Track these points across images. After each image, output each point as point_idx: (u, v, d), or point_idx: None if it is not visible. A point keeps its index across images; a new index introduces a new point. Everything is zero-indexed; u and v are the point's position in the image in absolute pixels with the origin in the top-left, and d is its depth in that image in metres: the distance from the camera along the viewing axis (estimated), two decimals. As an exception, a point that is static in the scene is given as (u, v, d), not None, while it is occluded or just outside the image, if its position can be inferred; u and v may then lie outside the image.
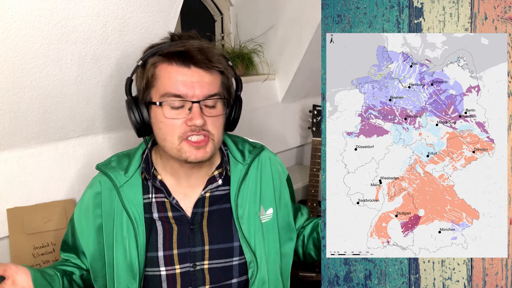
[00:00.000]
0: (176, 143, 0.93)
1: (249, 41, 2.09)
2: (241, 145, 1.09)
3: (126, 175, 1.01)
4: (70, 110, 1.31)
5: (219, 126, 0.96)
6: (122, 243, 0.99)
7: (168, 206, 1.01)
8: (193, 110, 0.91)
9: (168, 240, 1.00)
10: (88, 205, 1.04)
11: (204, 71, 0.92)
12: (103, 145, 1.47)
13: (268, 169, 1.09)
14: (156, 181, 1.01)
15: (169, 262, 0.99)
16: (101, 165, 1.05)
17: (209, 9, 2.15)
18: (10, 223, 1.27)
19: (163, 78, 0.93)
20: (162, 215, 1.01)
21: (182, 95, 0.91)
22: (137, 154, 1.05)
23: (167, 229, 1.00)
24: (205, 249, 1.00)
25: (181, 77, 0.92)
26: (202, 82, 0.92)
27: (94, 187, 1.05)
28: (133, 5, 1.21)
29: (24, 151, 1.30)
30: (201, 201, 1.02)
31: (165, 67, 0.93)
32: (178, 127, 0.92)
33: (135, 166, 1.03)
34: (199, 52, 0.92)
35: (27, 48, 1.09)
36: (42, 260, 1.28)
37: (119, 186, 1.00)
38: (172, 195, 1.01)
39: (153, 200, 1.01)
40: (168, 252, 0.99)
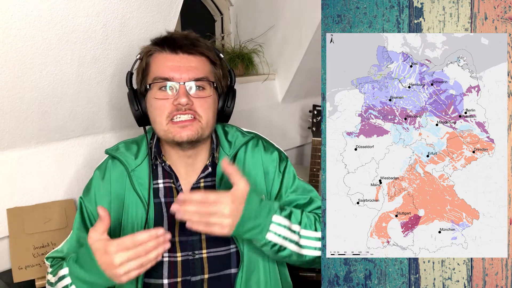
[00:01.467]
0: (164, 124, 0.97)
1: (249, 41, 2.09)
2: (231, 135, 1.10)
3: (136, 160, 1.04)
4: (70, 110, 1.31)
5: (207, 108, 0.99)
6: (132, 226, 1.01)
7: (175, 192, 1.03)
8: (179, 91, 0.96)
9: (170, 227, 1.02)
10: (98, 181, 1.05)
11: (191, 56, 0.98)
12: (103, 145, 1.47)
13: (258, 158, 1.08)
14: (166, 166, 1.04)
15: (171, 249, 0.99)
16: (110, 150, 1.07)
17: (209, 9, 2.15)
18: (10, 223, 1.27)
19: (154, 65, 0.99)
20: (168, 200, 1.03)
21: (170, 78, 0.96)
22: (145, 141, 1.08)
23: (171, 215, 1.01)
24: (202, 238, 1.01)
25: (170, 62, 0.97)
26: (188, 66, 0.97)
27: (103, 168, 1.07)
28: (133, 5, 1.21)
29: (24, 151, 1.30)
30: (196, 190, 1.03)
31: (157, 55, 0.99)
32: (166, 108, 0.96)
33: (144, 151, 1.05)
34: (185, 38, 0.99)
35: (27, 48, 1.09)
36: (42, 260, 1.28)
37: (131, 170, 1.02)
38: (179, 181, 1.04)
39: (161, 186, 1.04)
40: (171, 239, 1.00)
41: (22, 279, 1.25)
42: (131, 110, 1.03)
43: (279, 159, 1.10)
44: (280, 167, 1.09)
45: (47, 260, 1.05)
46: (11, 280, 1.24)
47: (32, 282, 1.25)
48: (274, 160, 1.09)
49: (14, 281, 1.24)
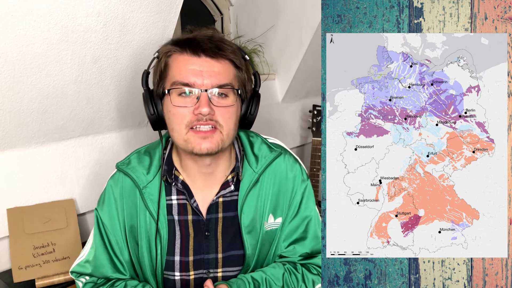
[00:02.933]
0: (183, 133, 0.90)
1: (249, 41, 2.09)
2: (257, 148, 1.04)
3: (148, 176, 0.98)
4: (70, 110, 1.31)
5: (229, 118, 0.92)
6: (147, 244, 0.97)
7: (189, 208, 0.99)
8: (200, 99, 0.88)
9: (184, 246, 0.98)
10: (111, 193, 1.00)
11: (214, 60, 0.90)
12: (103, 145, 1.47)
13: (283, 177, 1.03)
14: (178, 183, 0.98)
15: (184, 268, 0.98)
16: (121, 165, 1.00)
17: (209, 9, 2.15)
18: (10, 223, 1.27)
19: (174, 68, 0.91)
20: (182, 218, 0.99)
21: (190, 84, 0.89)
22: (158, 151, 1.01)
23: (184, 234, 0.98)
24: (218, 257, 0.99)
25: (191, 66, 0.90)
26: (211, 71, 0.90)
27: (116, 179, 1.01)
28: (133, 5, 1.21)
29: (24, 151, 1.30)
30: (214, 207, 0.99)
31: (177, 56, 0.92)
32: (186, 116, 0.89)
33: (156, 166, 0.99)
34: (209, 41, 0.90)
35: (27, 48, 1.09)
36: (42, 260, 1.28)
37: (142, 187, 0.97)
38: (194, 198, 0.99)
39: (174, 202, 0.99)
40: (184, 258, 0.98)
41: (22, 279, 1.25)
42: (146, 112, 0.95)
43: (301, 181, 1.05)
44: (301, 189, 1.05)
45: (72, 274, 1.02)
46: (11, 280, 1.24)
47: (32, 282, 1.25)
48: (297, 182, 1.04)
49: (14, 281, 1.24)
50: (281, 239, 1.04)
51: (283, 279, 1.01)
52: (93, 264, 1.00)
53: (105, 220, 0.99)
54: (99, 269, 0.99)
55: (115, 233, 0.99)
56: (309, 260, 1.06)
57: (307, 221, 1.05)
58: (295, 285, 1.02)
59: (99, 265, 0.99)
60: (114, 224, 0.99)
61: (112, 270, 1.00)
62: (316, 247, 1.06)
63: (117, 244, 0.99)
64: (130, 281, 1.00)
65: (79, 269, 1.01)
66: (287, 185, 1.03)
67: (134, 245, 0.99)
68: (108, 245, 0.99)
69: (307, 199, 1.05)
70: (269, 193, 1.01)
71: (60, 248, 1.31)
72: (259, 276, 0.99)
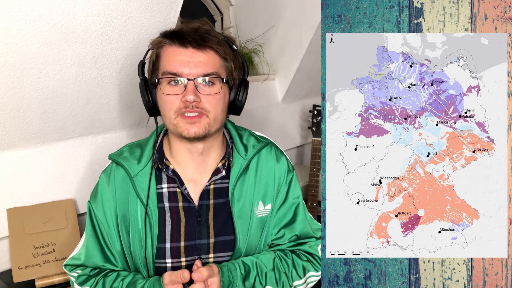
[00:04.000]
0: (172, 118, 0.97)
1: (249, 41, 2.09)
2: (246, 139, 1.10)
3: (139, 165, 1.03)
4: (70, 110, 1.31)
5: (216, 104, 0.98)
6: (138, 233, 1.01)
7: (180, 196, 1.03)
8: (187, 87, 0.95)
9: (176, 232, 1.01)
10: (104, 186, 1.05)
11: (199, 51, 0.96)
12: (103, 145, 1.47)
13: (271, 165, 1.09)
14: (169, 171, 1.03)
15: (175, 254, 1.00)
16: (114, 155, 1.06)
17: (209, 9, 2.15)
18: (10, 223, 1.27)
19: (164, 58, 0.98)
20: (173, 205, 1.02)
21: (178, 73, 0.95)
22: (149, 144, 1.07)
23: (175, 220, 1.01)
24: (210, 242, 1.02)
25: (179, 56, 0.96)
26: (197, 61, 0.96)
27: (108, 172, 1.06)
28: (133, 5, 1.21)
29: (24, 151, 1.30)
30: (206, 193, 1.03)
31: (167, 48, 0.98)
32: (174, 103, 0.96)
33: (147, 156, 1.04)
34: (194, 32, 0.96)
35: (27, 48, 1.09)
36: (42, 260, 1.28)
37: (133, 175, 1.02)
38: (185, 185, 1.03)
39: (164, 190, 1.03)
40: (176, 244, 1.01)
41: (22, 279, 1.25)
42: (142, 100, 1.02)
43: (287, 170, 1.11)
44: (288, 178, 1.11)
45: (65, 267, 1.06)
46: (11, 280, 1.24)
47: (32, 282, 1.25)
48: (283, 171, 1.10)
49: (14, 281, 1.24)
50: (271, 226, 1.09)
51: (273, 263, 1.06)
52: (85, 254, 1.04)
53: (97, 212, 1.03)
54: (90, 258, 1.03)
55: (106, 225, 1.03)
56: (299, 246, 1.11)
57: (294, 207, 1.11)
58: (286, 270, 1.06)
59: (91, 254, 1.03)
60: (106, 215, 1.03)
61: (103, 260, 1.04)
62: (305, 230, 1.11)
63: (109, 236, 1.03)
64: (122, 272, 1.04)
65: (72, 262, 1.05)
66: (274, 174, 1.09)
67: (126, 235, 1.02)
68: (100, 236, 1.03)
69: (294, 187, 1.12)
70: (258, 180, 1.07)
71: (60, 248, 1.31)
72: (250, 261, 1.04)
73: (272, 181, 1.08)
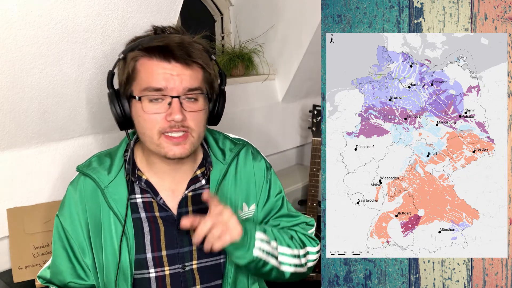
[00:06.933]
0: (155, 138, 0.92)
1: (249, 41, 2.09)
2: (222, 142, 1.07)
3: (109, 176, 0.99)
4: (70, 110, 1.31)
5: (199, 121, 0.94)
6: (112, 246, 0.97)
7: (156, 206, 0.99)
8: (172, 105, 0.90)
9: (155, 241, 0.98)
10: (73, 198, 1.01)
11: (184, 66, 0.91)
12: (103, 145, 1.47)
13: (250, 166, 1.07)
14: (142, 182, 0.99)
15: (158, 264, 0.97)
16: (82, 167, 1.02)
17: (209, 9, 2.15)
18: (10, 223, 1.27)
19: (143, 73, 0.92)
20: (149, 215, 0.99)
21: (163, 88, 0.90)
22: (119, 152, 1.02)
23: (154, 230, 0.99)
24: (192, 249, 0.99)
25: (161, 70, 0.90)
26: (182, 75, 0.91)
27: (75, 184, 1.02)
28: (133, 5, 1.21)
29: (24, 151, 1.30)
30: (184, 201, 1.00)
31: (146, 61, 0.92)
32: (158, 122, 0.91)
33: (118, 165, 1.00)
34: (179, 47, 0.91)
35: (27, 48, 1.09)
36: (42, 260, 1.28)
37: (104, 187, 0.98)
38: (160, 195, 1.00)
39: (139, 201, 0.99)
40: (157, 254, 0.98)
41: (22, 279, 1.25)
42: (112, 112, 0.96)
43: (266, 168, 1.09)
44: (267, 176, 1.09)
45: (38, 279, 1.05)
46: (11, 280, 1.24)
47: (32, 282, 1.25)
48: (262, 169, 1.09)
49: (14, 281, 1.24)
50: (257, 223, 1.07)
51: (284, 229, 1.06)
52: (52, 270, 1.02)
53: (66, 225, 1.00)
54: (57, 275, 1.01)
55: (77, 238, 1.00)
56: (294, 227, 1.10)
57: (280, 200, 1.11)
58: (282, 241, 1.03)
59: (57, 271, 1.01)
60: (75, 228, 0.99)
61: (73, 275, 1.00)
62: (293, 210, 1.12)
63: (80, 248, 1.00)
64: None
65: (42, 273, 1.04)
66: (254, 173, 1.07)
67: (98, 248, 0.98)
68: (70, 250, 1.00)
69: (274, 184, 1.10)
70: (239, 182, 1.05)
71: (60, 248, 1.31)
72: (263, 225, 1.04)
73: (253, 181, 1.06)
